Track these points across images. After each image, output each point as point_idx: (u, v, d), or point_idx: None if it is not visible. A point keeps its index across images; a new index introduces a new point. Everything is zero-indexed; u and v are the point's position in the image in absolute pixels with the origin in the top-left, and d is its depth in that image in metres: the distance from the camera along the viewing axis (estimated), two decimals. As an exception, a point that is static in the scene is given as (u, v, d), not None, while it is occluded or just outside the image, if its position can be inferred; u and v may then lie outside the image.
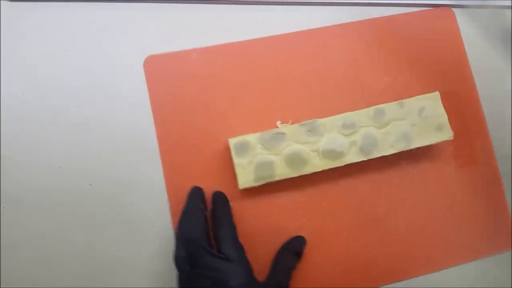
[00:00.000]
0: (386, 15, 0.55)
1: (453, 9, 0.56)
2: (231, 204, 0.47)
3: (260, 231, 0.48)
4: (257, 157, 0.47)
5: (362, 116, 0.48)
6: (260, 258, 0.47)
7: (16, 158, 0.47)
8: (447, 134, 0.49)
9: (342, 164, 0.47)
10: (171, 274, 0.41)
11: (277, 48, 0.52)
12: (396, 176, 0.50)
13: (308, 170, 0.47)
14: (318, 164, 0.47)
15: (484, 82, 0.55)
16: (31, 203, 0.47)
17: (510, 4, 0.57)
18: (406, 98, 0.49)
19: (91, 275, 0.46)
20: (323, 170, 0.48)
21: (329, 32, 0.54)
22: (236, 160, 0.46)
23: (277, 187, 0.48)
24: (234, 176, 0.48)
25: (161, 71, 0.50)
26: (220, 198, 0.46)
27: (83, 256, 0.46)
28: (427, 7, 0.56)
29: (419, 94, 0.49)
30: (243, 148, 0.47)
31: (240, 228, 0.47)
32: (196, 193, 0.45)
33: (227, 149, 0.48)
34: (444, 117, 0.49)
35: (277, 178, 0.46)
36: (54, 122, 0.48)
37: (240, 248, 0.42)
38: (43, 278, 0.46)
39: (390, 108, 0.48)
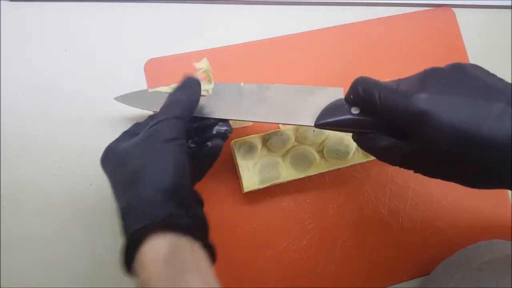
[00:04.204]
0: (386, 16, 0.55)
1: (453, 9, 0.56)
2: (234, 208, 0.47)
3: (264, 234, 0.48)
4: (262, 158, 0.46)
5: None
6: (264, 261, 0.47)
7: (16, 158, 0.47)
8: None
9: (347, 165, 0.47)
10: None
11: (279, 50, 0.52)
12: (399, 177, 0.50)
13: (312, 171, 0.46)
14: (323, 165, 0.47)
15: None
16: (31, 203, 0.46)
17: (510, 4, 0.57)
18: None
19: (91, 275, 0.46)
20: (327, 172, 0.47)
21: (331, 32, 0.54)
22: (241, 162, 0.46)
23: (280, 190, 0.48)
24: (237, 179, 0.48)
25: (162, 74, 0.50)
26: None
27: (83, 256, 0.46)
28: (427, 7, 0.56)
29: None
30: (247, 150, 0.46)
31: (244, 231, 0.47)
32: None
33: (230, 152, 0.48)
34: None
35: (282, 180, 0.46)
36: (54, 122, 0.48)
37: None
38: (43, 278, 0.45)
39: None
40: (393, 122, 0.32)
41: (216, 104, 0.42)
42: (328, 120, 0.37)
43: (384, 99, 0.32)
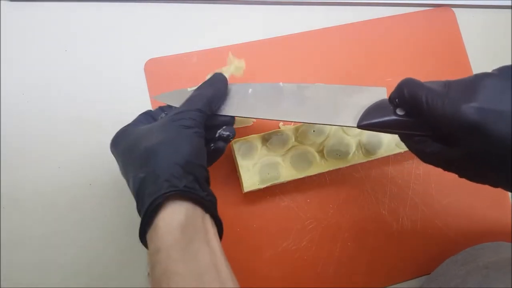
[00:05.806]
0: (386, 16, 0.55)
1: (453, 9, 0.56)
2: (234, 208, 0.47)
3: (264, 234, 0.48)
4: (262, 158, 0.46)
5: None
6: (264, 261, 0.47)
7: (16, 158, 0.47)
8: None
9: (347, 165, 0.47)
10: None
11: (279, 50, 0.52)
12: (399, 177, 0.50)
13: (313, 171, 0.46)
14: (323, 165, 0.47)
15: (484, 81, 0.55)
16: (31, 203, 0.46)
17: (510, 4, 0.57)
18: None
19: (90, 275, 0.46)
20: (327, 172, 0.47)
21: (331, 32, 0.54)
22: (241, 162, 0.46)
23: (280, 190, 0.48)
24: (237, 180, 0.48)
25: (162, 74, 0.50)
26: None
27: (83, 256, 0.46)
28: (427, 7, 0.56)
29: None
30: (247, 150, 0.46)
31: (244, 231, 0.47)
32: None
33: (230, 152, 0.48)
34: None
35: (282, 180, 0.46)
36: (54, 122, 0.48)
37: None
38: (43, 278, 0.45)
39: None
40: (440, 128, 0.31)
41: (255, 104, 0.41)
42: (372, 121, 0.36)
43: (432, 104, 0.31)
